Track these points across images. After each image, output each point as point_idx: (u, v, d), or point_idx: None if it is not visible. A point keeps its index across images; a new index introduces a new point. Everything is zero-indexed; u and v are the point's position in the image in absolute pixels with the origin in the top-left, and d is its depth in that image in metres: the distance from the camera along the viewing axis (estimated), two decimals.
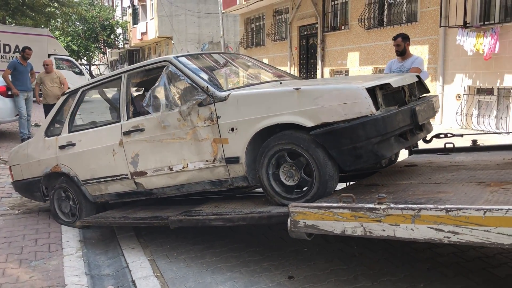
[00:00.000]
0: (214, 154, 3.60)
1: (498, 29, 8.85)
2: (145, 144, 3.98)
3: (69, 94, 4.88)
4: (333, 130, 3.02)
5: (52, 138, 4.76)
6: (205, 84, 3.65)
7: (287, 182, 3.32)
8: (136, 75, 4.40)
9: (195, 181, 3.80)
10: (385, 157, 3.21)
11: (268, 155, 3.31)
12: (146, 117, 3.99)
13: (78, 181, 4.54)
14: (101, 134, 4.34)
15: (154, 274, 3.53)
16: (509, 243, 2.20)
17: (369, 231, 2.67)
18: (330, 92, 3.10)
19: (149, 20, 33.88)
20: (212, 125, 3.56)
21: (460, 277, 3.22)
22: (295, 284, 3.25)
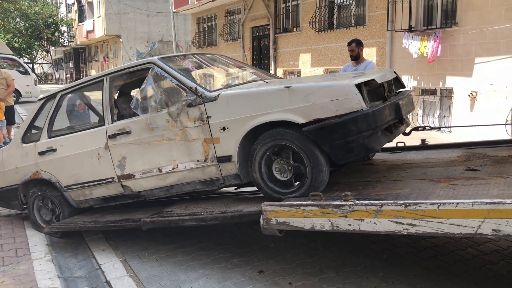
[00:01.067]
0: (206, 154, 3.66)
1: (440, 33, 9.45)
2: (132, 147, 3.98)
3: (46, 99, 4.78)
4: (325, 126, 3.13)
5: (30, 144, 4.66)
6: (194, 85, 3.69)
7: (280, 178, 3.41)
8: (118, 77, 4.37)
9: (186, 181, 3.84)
10: (375, 150, 3.38)
11: (261, 152, 3.40)
12: (132, 119, 4.00)
13: (61, 187, 4.48)
14: (85, 138, 4.30)
15: (128, 274, 3.63)
16: (459, 232, 2.50)
17: (336, 225, 2.91)
18: (321, 89, 3.21)
19: (96, 18, 33.02)
20: (202, 125, 3.61)
21: (414, 265, 3.54)
22: (265, 278, 3.46)
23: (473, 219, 2.44)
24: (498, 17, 8.54)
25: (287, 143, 3.29)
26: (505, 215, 2.36)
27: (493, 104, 8.68)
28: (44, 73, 47.05)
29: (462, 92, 9.35)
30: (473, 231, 2.46)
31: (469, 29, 9.07)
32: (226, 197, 4.55)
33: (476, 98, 9.08)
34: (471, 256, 3.63)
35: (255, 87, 3.76)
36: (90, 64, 39.26)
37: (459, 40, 9.32)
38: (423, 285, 3.21)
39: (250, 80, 4.43)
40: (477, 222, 2.44)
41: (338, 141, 3.14)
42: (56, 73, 47.06)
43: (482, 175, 3.24)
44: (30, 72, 20.02)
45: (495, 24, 8.56)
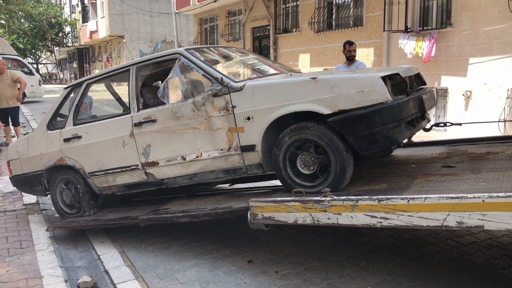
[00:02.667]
0: (229, 143, 3.73)
1: (435, 34, 9.63)
2: (157, 135, 4.06)
3: (72, 87, 4.90)
4: (350, 117, 3.18)
5: (55, 131, 4.77)
6: (219, 75, 3.77)
7: (304, 171, 3.47)
8: (145, 67, 4.45)
9: (209, 169, 3.92)
10: (398, 142, 3.43)
11: (285, 144, 3.46)
12: (158, 108, 4.09)
13: (84, 174, 4.58)
14: (110, 126, 4.39)
15: (125, 264, 3.86)
16: (427, 224, 2.72)
17: (316, 219, 3.14)
18: (347, 81, 3.26)
19: (100, 19, 33.32)
20: (227, 115, 3.69)
21: (395, 255, 3.75)
22: (254, 267, 3.68)
23: (439, 212, 2.66)
24: (491, 18, 8.72)
25: (312, 136, 3.34)
26: (467, 208, 2.57)
27: (487, 103, 8.87)
28: (48, 73, 47.40)
29: (456, 92, 9.54)
30: (439, 224, 2.68)
31: (463, 29, 9.25)
32: (219, 194, 4.77)
33: (470, 97, 9.28)
34: (450, 247, 3.84)
35: (279, 78, 3.83)
36: (94, 64, 39.55)
37: (453, 40, 9.50)
38: (402, 273, 3.42)
39: (275, 73, 4.47)
40: (443, 215, 2.65)
41: (363, 132, 3.18)
42: (60, 73, 47.39)
43: (456, 172, 3.45)
44: (34, 73, 20.33)
45: (489, 25, 8.75)
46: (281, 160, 3.50)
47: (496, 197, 2.48)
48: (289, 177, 3.50)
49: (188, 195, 4.83)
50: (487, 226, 2.52)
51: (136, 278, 3.61)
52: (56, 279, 3.60)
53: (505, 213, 2.45)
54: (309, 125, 3.36)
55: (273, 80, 3.78)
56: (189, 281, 3.52)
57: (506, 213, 2.44)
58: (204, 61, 4.02)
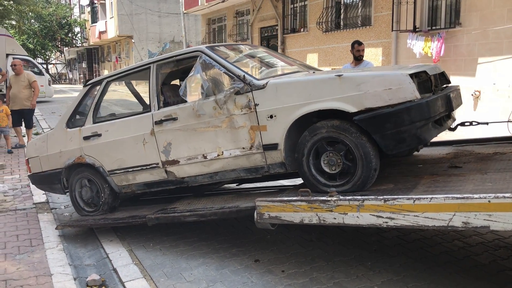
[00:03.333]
0: (251, 141, 3.68)
1: (444, 34, 9.59)
2: (178, 133, 4.03)
3: (92, 85, 4.88)
4: (377, 115, 3.12)
5: (75, 129, 4.75)
6: (242, 72, 3.73)
7: (329, 170, 3.40)
8: (165, 65, 4.40)
9: (230, 168, 3.88)
10: (426, 141, 3.33)
11: (309, 143, 3.40)
12: (179, 106, 4.07)
13: (104, 172, 4.56)
14: (130, 124, 4.38)
15: (133, 262, 3.90)
16: (433, 224, 2.72)
17: (323, 219, 3.15)
18: (374, 79, 3.20)
19: (109, 19, 33.54)
20: (249, 113, 3.65)
21: (401, 255, 3.75)
22: (261, 266, 3.70)
23: (445, 212, 2.67)
24: (501, 18, 8.67)
25: (336, 134, 3.29)
26: (473, 208, 2.58)
27: (496, 103, 8.81)
28: (58, 73, 47.79)
29: (465, 92, 9.44)
30: (445, 224, 2.68)
31: (472, 29, 9.20)
32: (226, 193, 4.80)
33: (479, 97, 9.23)
34: (457, 248, 3.83)
35: (302, 76, 3.77)
36: (103, 64, 39.81)
37: (462, 40, 9.46)
38: (407, 273, 3.43)
39: (295, 71, 4.39)
40: (448, 215, 2.66)
41: (390, 130, 3.12)
42: (69, 73, 47.78)
43: (463, 172, 3.44)
44: (44, 73, 20.51)
45: (498, 24, 8.69)
46: (304, 159, 3.45)
47: (502, 197, 2.48)
48: (313, 176, 3.44)
49: (196, 195, 4.87)
50: (493, 227, 2.52)
51: (144, 276, 3.65)
52: (65, 277, 3.64)
53: (511, 213, 2.45)
54: (334, 123, 3.30)
55: (296, 77, 3.72)
56: (196, 279, 3.55)
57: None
58: (225, 58, 3.98)
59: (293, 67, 4.55)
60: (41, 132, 11.60)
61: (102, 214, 4.70)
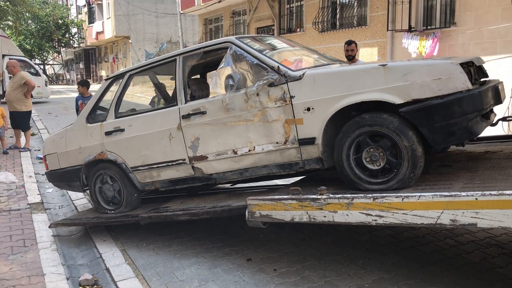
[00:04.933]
0: (286, 136, 3.53)
1: (439, 33, 9.62)
2: (207, 128, 3.88)
3: (113, 79, 4.70)
4: (426, 107, 2.96)
5: (96, 124, 4.59)
6: (276, 63, 3.58)
7: (371, 166, 3.23)
8: (192, 57, 4.18)
9: (262, 164, 3.73)
10: (477, 135, 3.13)
11: (350, 137, 3.23)
12: (208, 99, 3.95)
13: (127, 168, 4.39)
14: (155, 118, 4.22)
15: (126, 262, 3.91)
16: (421, 222, 2.74)
17: (313, 217, 3.16)
18: (421, 68, 3.04)
19: (106, 19, 33.52)
20: (284, 106, 3.49)
21: (393, 254, 3.77)
22: (253, 265, 3.72)
23: (433, 210, 2.69)
24: (495, 17, 8.69)
25: (381, 128, 3.11)
26: (461, 206, 2.60)
27: None
28: (55, 74, 47.72)
29: None
30: (433, 222, 2.70)
31: (467, 28, 9.23)
32: (219, 193, 4.82)
33: None
34: (448, 246, 3.86)
35: (341, 67, 3.67)
36: (100, 64, 39.78)
37: (457, 39, 9.48)
38: (399, 271, 3.45)
39: (329, 62, 4.22)
40: (437, 213, 2.68)
41: (439, 123, 2.96)
42: (66, 74, 47.71)
43: (453, 170, 3.46)
44: (41, 73, 20.49)
45: (492, 24, 8.72)
46: (344, 155, 3.27)
47: (488, 195, 2.50)
48: (353, 172, 3.27)
49: (189, 194, 4.88)
50: (480, 224, 2.54)
51: (137, 275, 3.67)
52: (58, 276, 3.65)
53: (497, 210, 2.47)
54: (378, 116, 3.13)
55: (336, 68, 3.58)
56: (189, 278, 3.57)
57: (499, 210, 2.46)
58: (257, 49, 3.82)
59: (323, 59, 4.38)
60: (37, 132, 11.59)
61: (123, 213, 4.53)
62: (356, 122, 3.21)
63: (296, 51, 4.53)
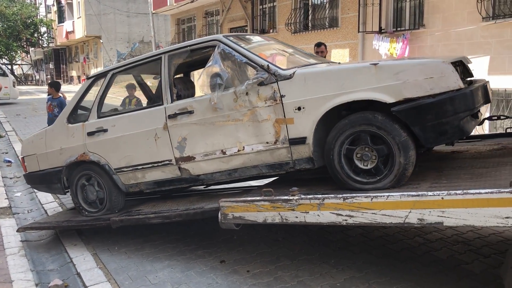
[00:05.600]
0: (277, 135, 3.50)
1: (409, 35, 9.82)
2: (194, 127, 3.81)
3: (95, 78, 4.58)
4: (418, 106, 2.95)
5: (77, 124, 4.46)
6: (265, 62, 3.54)
7: (363, 166, 3.21)
8: (178, 56, 4.10)
9: (251, 164, 3.68)
10: (468, 134, 3.15)
11: (341, 137, 3.22)
12: (196, 98, 3.89)
13: (110, 170, 4.29)
14: (140, 118, 4.12)
15: (97, 266, 3.86)
16: (390, 221, 2.79)
17: (285, 218, 3.19)
18: (413, 67, 3.04)
19: (76, 19, 32.95)
20: (275, 105, 3.46)
21: (364, 253, 3.84)
22: (226, 267, 3.72)
23: (401, 210, 2.74)
24: (462, 20, 8.93)
25: (372, 128, 3.11)
26: (428, 205, 2.66)
27: None
28: (23, 74, 46.59)
29: None
30: (401, 221, 2.76)
31: (435, 30, 9.45)
32: (193, 195, 4.80)
33: None
34: (418, 244, 3.94)
35: (332, 66, 3.64)
36: (71, 65, 39.08)
37: (426, 41, 9.70)
38: (370, 270, 3.51)
39: (320, 62, 4.16)
40: (405, 213, 2.74)
41: (431, 122, 2.96)
42: (36, 74, 46.65)
43: (421, 170, 3.54)
44: (8, 74, 19.96)
45: (459, 26, 8.95)
46: (335, 154, 3.25)
47: (454, 194, 2.57)
48: (344, 172, 3.25)
49: (162, 197, 4.85)
50: (446, 223, 2.61)
51: (108, 280, 3.63)
52: (26, 283, 3.58)
53: (462, 209, 2.54)
54: (369, 115, 3.13)
55: (326, 67, 3.56)
56: (161, 282, 3.55)
57: (464, 209, 2.53)
58: (246, 48, 3.76)
59: (312, 58, 4.32)
60: (5, 135, 11.31)
61: (105, 215, 4.41)
62: (348, 121, 3.21)
63: (286, 50, 4.48)
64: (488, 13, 8.44)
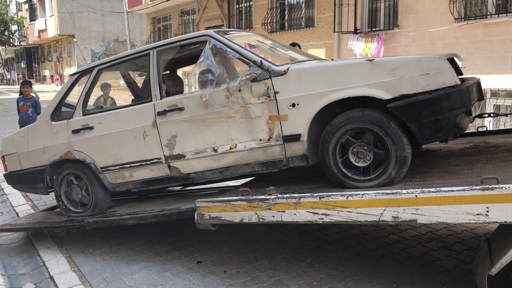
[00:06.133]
0: (270, 133, 3.44)
1: (383, 35, 9.96)
2: (184, 124, 3.73)
3: (80, 74, 4.44)
4: (414, 102, 2.94)
5: (62, 122, 4.32)
6: (258, 58, 3.47)
7: (358, 164, 3.17)
8: (167, 51, 4.02)
9: (244, 162, 3.62)
10: (464, 130, 3.12)
11: (337, 134, 3.17)
12: (186, 95, 3.82)
13: (96, 169, 4.16)
14: (128, 115, 4.01)
15: (71, 269, 3.79)
16: (365, 219, 2.82)
17: (262, 218, 3.19)
18: (409, 63, 3.01)
19: (49, 17, 32.29)
20: (268, 101, 3.40)
21: (340, 251, 3.86)
22: (203, 267, 3.70)
23: (376, 208, 2.77)
24: (435, 20, 9.10)
25: (368, 125, 3.08)
26: (402, 203, 2.70)
27: None
28: None
29: None
30: (376, 219, 2.79)
31: (409, 31, 9.61)
32: (169, 196, 4.76)
33: None
34: (393, 242, 4.00)
35: (326, 62, 3.60)
36: (43, 64, 38.31)
37: (400, 41, 9.85)
38: (346, 268, 3.54)
39: (313, 58, 4.12)
40: (379, 211, 2.77)
41: (428, 118, 2.95)
42: (7, 73, 45.54)
43: None
44: None
45: (432, 26, 9.12)
46: (330, 152, 3.21)
47: (427, 192, 2.61)
48: (339, 170, 3.21)
49: (137, 198, 4.79)
50: (420, 220, 2.65)
51: (83, 283, 3.56)
52: None
53: (435, 207, 2.58)
54: (365, 112, 3.10)
55: (321, 63, 3.52)
56: (137, 284, 3.50)
57: (437, 207, 2.58)
58: (238, 43, 3.69)
59: (303, 55, 4.24)
60: None
61: (91, 215, 4.26)
62: (343, 118, 3.16)
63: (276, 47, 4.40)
64: (460, 14, 8.63)
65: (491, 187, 2.45)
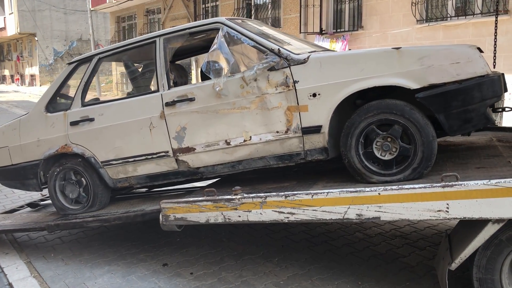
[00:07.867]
0: (288, 124, 3.28)
1: (348, 36, 10.11)
2: (195, 116, 3.54)
3: (78, 63, 4.18)
4: (444, 92, 2.84)
5: (58, 113, 4.07)
6: (276, 46, 3.33)
7: (382, 157, 3.04)
8: (175, 39, 3.80)
9: (258, 156, 3.44)
10: (493, 122, 3.03)
11: (362, 125, 3.04)
12: (197, 84, 3.64)
13: (96, 163, 3.92)
14: (133, 106, 3.80)
15: (32, 275, 3.66)
16: (330, 218, 2.84)
17: (228, 218, 3.17)
18: (438, 52, 2.91)
19: (8, 15, 31.26)
20: (286, 91, 3.25)
21: (307, 250, 3.89)
22: (169, 270, 3.65)
23: (340, 206, 2.79)
24: (398, 22, 9.31)
25: (394, 116, 2.95)
26: (365, 201, 2.73)
27: None
28: None
29: None
30: (341, 217, 2.81)
31: (373, 32, 9.79)
32: (134, 197, 4.68)
33: None
34: (358, 239, 4.05)
35: (344, 51, 3.49)
36: (3, 63, 37.11)
37: (364, 42, 10.02)
38: (313, 266, 3.56)
39: (326, 49, 4.01)
40: (344, 208, 2.79)
41: (457, 109, 2.85)
42: None
43: None
44: None
45: (395, 28, 9.33)
46: (353, 144, 3.08)
47: (390, 189, 2.66)
48: (362, 164, 3.07)
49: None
50: (383, 217, 2.69)
51: None
52: None
53: (398, 204, 2.63)
54: (391, 102, 2.97)
55: (343, 51, 3.45)
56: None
57: (399, 204, 2.62)
58: (253, 31, 3.51)
59: (313, 46, 4.11)
60: None
61: (89, 213, 4.04)
62: (367, 109, 3.03)
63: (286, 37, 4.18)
64: (421, 16, 8.85)
65: (451, 184, 2.51)
